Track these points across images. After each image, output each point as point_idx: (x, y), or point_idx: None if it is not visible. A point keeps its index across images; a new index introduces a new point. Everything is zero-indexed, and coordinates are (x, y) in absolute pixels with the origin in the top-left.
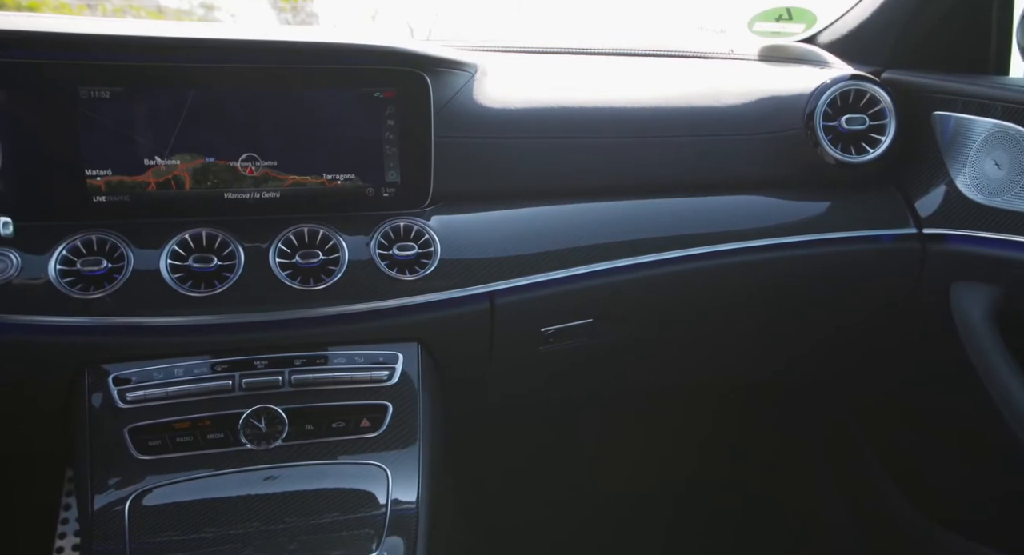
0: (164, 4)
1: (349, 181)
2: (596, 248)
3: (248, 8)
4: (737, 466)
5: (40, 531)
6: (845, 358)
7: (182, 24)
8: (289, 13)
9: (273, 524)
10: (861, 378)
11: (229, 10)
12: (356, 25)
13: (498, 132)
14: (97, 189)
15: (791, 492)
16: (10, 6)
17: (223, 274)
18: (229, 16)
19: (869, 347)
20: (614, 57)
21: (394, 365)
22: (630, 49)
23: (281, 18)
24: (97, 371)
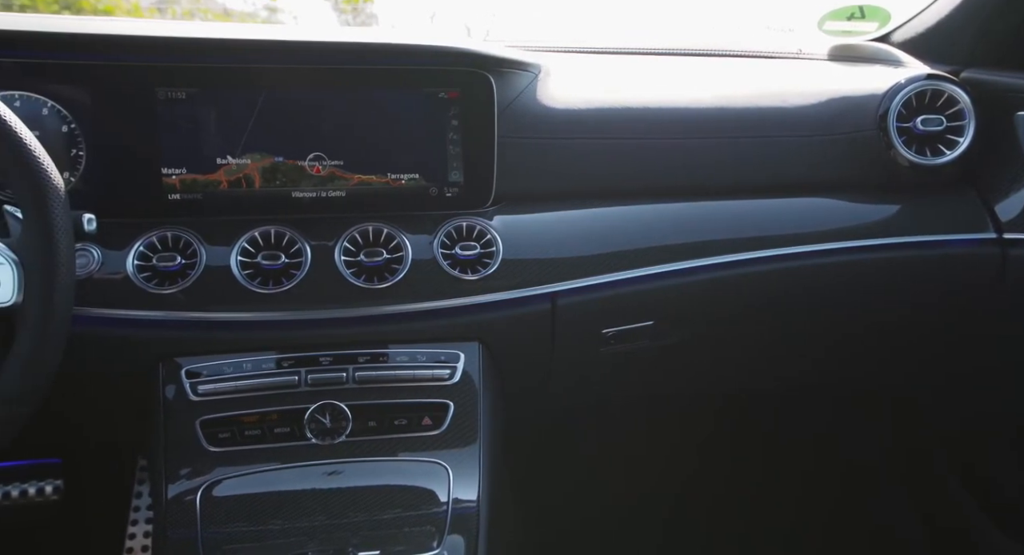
0: (230, 7)
1: (413, 181)
2: (658, 250)
3: (310, 10)
4: (797, 471)
5: (113, 518)
6: (913, 365)
7: (253, 27)
8: (350, 14)
9: (336, 518)
10: (929, 385)
11: (292, 12)
12: (415, 26)
13: (561, 133)
14: (172, 187)
15: (851, 496)
16: (87, 10)
17: (290, 271)
18: (291, 18)
19: (941, 354)
20: (678, 57)
21: (455, 364)
22: (695, 49)
23: (342, 19)
24: (171, 364)
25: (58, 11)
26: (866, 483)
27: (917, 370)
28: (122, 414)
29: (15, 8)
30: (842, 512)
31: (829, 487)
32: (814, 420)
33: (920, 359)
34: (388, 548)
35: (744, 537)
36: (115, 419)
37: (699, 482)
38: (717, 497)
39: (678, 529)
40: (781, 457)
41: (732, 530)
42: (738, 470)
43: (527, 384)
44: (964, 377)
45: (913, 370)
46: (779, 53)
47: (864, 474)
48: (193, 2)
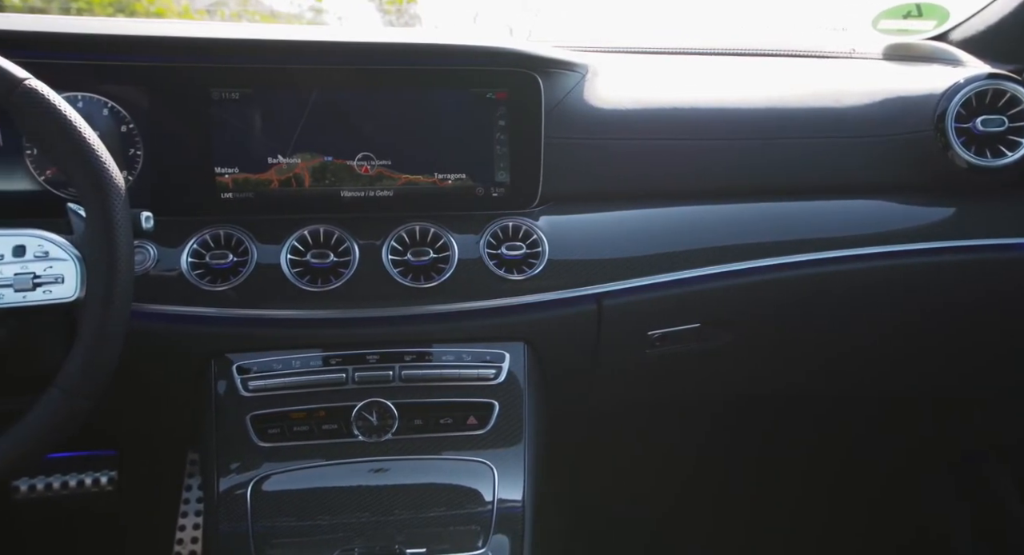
0: (276, 8)
1: (460, 181)
2: (707, 252)
3: (354, 10)
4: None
5: (164, 509)
6: (968, 370)
7: (304, 28)
8: (393, 15)
9: (382, 515)
10: (984, 389)
11: (336, 13)
12: (458, 26)
13: (609, 133)
14: (225, 186)
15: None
16: (140, 13)
17: (338, 270)
18: (336, 19)
19: (997, 360)
20: (728, 58)
21: (501, 364)
22: (745, 49)
23: (385, 20)
24: (222, 360)
25: (112, 14)
26: (910, 488)
27: (972, 375)
28: (174, 408)
29: (73, 11)
30: (885, 518)
31: (873, 492)
32: (857, 424)
33: (976, 365)
34: (434, 546)
35: (787, 540)
36: (167, 413)
37: (739, 484)
38: (756, 499)
39: (719, 531)
40: (824, 461)
41: (773, 533)
42: (779, 473)
43: (571, 385)
44: (1017, 382)
45: (968, 375)
46: (832, 53)
47: (908, 480)
48: (241, 4)
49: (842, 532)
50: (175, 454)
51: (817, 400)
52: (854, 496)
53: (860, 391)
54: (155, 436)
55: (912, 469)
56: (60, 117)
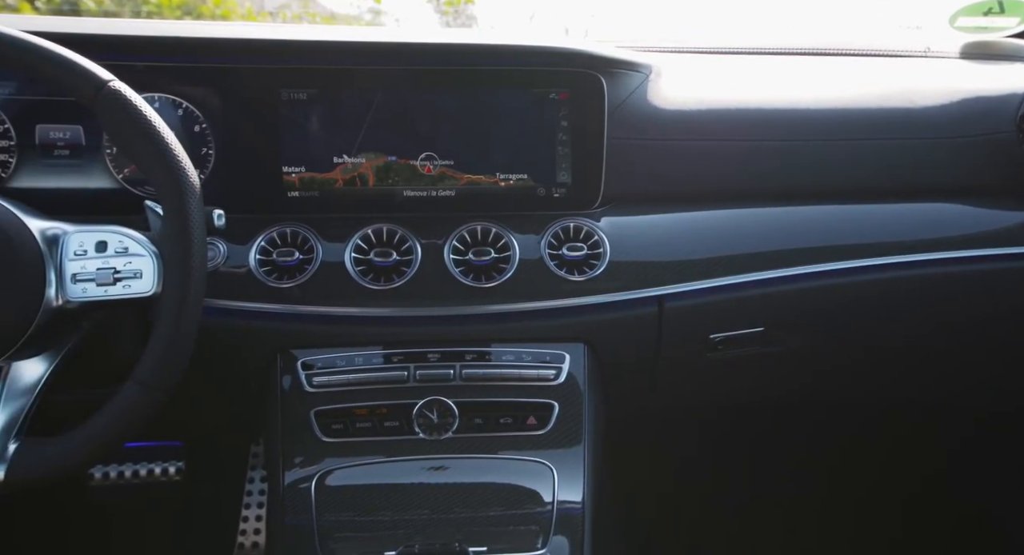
0: (336, 10)
1: (521, 181)
2: (771, 255)
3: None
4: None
5: (228, 500)
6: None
7: (370, 30)
8: (451, 16)
9: (442, 513)
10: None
11: (394, 14)
12: (514, 27)
13: (672, 134)
14: (292, 185)
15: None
16: (207, 15)
17: (401, 269)
18: (394, 20)
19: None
20: (795, 57)
21: (561, 365)
22: (813, 48)
23: (443, 21)
24: (287, 356)
25: (180, 16)
26: (979, 506)
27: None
28: (239, 402)
29: (143, 14)
30: (923, 527)
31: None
32: (921, 436)
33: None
34: (493, 545)
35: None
36: (232, 407)
37: (791, 487)
38: (805, 503)
39: (769, 535)
40: (882, 470)
41: (829, 537)
42: (838, 479)
43: (631, 387)
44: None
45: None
46: (905, 51)
47: (977, 501)
48: (302, 7)
49: (904, 542)
50: (238, 447)
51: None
52: (896, 504)
53: (926, 398)
54: (220, 429)
55: (954, 478)
56: (141, 118)
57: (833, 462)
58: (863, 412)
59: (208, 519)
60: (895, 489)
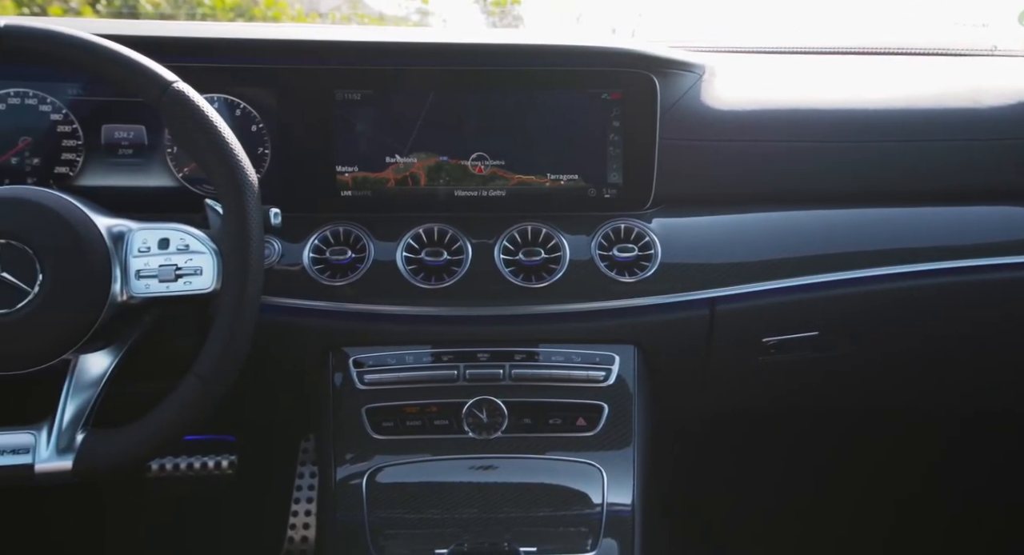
0: (384, 11)
1: (572, 181)
2: (827, 258)
3: (459, 12)
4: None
5: (279, 494)
6: None
7: (423, 31)
8: (497, 16)
9: (491, 512)
10: None
11: (441, 15)
12: (561, 27)
13: (726, 135)
14: (345, 184)
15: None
16: (259, 16)
17: (452, 268)
18: (441, 21)
19: None
20: (855, 57)
21: (610, 366)
22: (873, 48)
23: (489, 21)
24: (339, 353)
25: (233, 18)
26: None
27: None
28: (291, 398)
29: (197, 16)
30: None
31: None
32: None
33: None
34: (543, 546)
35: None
36: (284, 403)
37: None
38: (855, 509)
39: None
40: (923, 481)
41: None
42: (882, 485)
43: (680, 389)
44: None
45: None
46: (971, 50)
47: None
48: (352, 8)
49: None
50: (288, 442)
51: (943, 417)
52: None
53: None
54: (271, 424)
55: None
56: (204, 118)
57: (876, 468)
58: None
59: (259, 513)
60: (937, 497)
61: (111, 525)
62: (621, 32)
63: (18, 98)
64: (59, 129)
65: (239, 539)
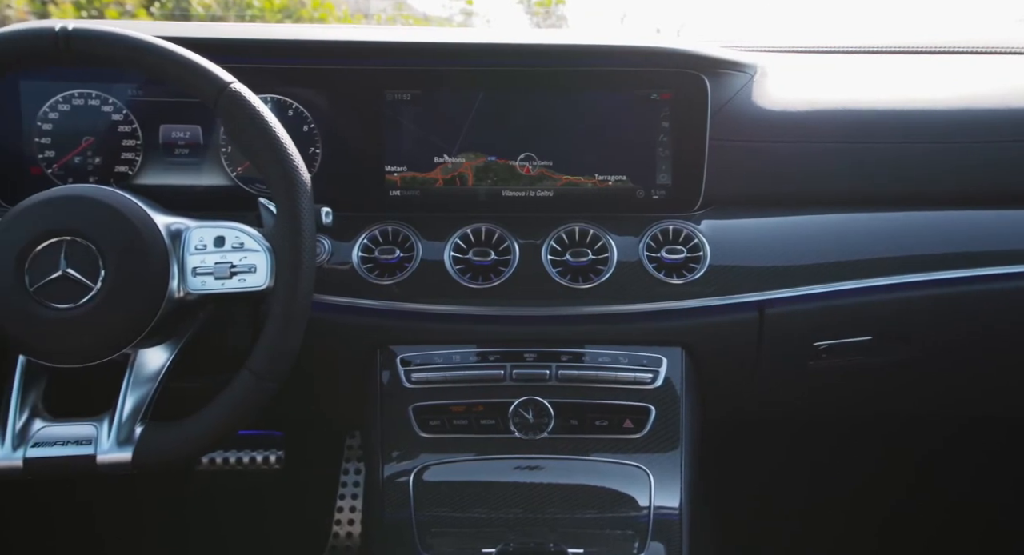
0: (429, 12)
1: (620, 182)
2: (880, 262)
3: (503, 12)
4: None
5: (325, 490)
6: None
7: (472, 31)
8: (541, 16)
9: (536, 512)
10: None
11: (485, 15)
12: (606, 27)
13: (778, 136)
14: (393, 184)
15: None
16: (306, 18)
17: (499, 268)
18: (485, 21)
19: None
20: (909, 56)
21: (658, 368)
22: (927, 46)
23: (533, 22)
24: (387, 352)
25: (281, 20)
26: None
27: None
28: (338, 395)
29: (247, 18)
30: None
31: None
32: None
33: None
34: (590, 548)
35: None
36: (331, 399)
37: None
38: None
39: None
40: (973, 483)
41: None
42: (936, 493)
43: (728, 393)
44: None
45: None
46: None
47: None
48: (396, 9)
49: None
50: (334, 438)
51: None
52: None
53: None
54: (318, 420)
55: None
56: (259, 118)
57: (925, 475)
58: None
59: (305, 508)
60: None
61: (160, 517)
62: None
63: (82, 99)
64: (120, 129)
65: (286, 533)
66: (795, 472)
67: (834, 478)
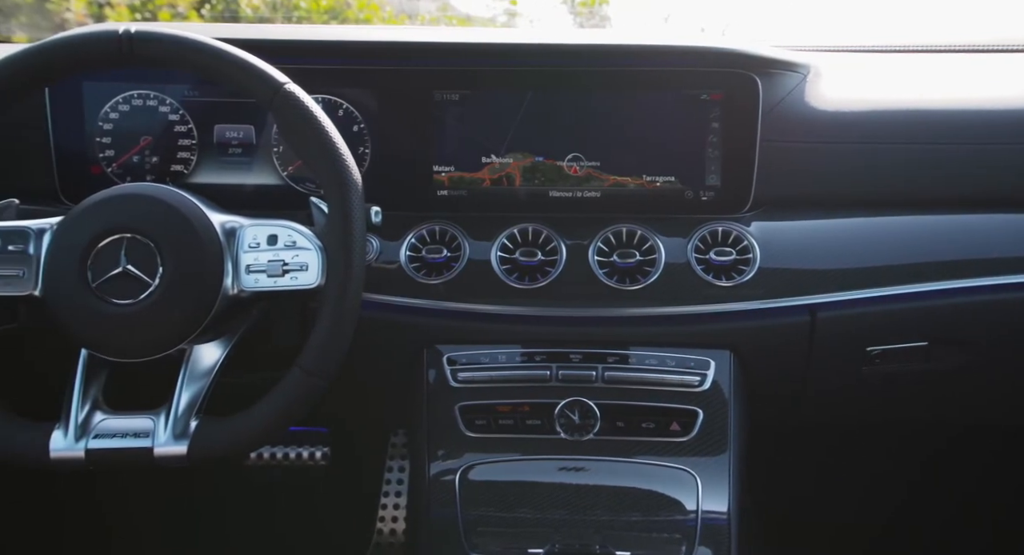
0: (472, 13)
1: (668, 183)
2: (936, 266)
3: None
4: None
5: (369, 487)
6: None
7: (520, 31)
8: (585, 16)
9: (581, 514)
10: None
11: (528, 16)
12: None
13: (831, 137)
14: (441, 184)
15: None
16: (351, 19)
17: (545, 269)
18: (528, 21)
19: None
20: (966, 54)
21: (706, 371)
22: (985, 45)
23: (576, 22)
24: (433, 351)
25: (327, 21)
26: None
27: None
28: (383, 393)
29: (294, 19)
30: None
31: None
32: None
33: None
34: (636, 550)
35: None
36: (377, 397)
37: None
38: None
39: None
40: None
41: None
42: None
43: (777, 397)
44: None
45: None
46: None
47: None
48: (440, 10)
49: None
50: (379, 436)
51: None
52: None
53: None
54: (363, 417)
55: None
56: (313, 118)
57: (976, 485)
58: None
59: (350, 504)
60: None
61: (209, 511)
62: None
63: (140, 100)
64: (176, 129)
65: (331, 529)
66: (844, 478)
67: (883, 485)
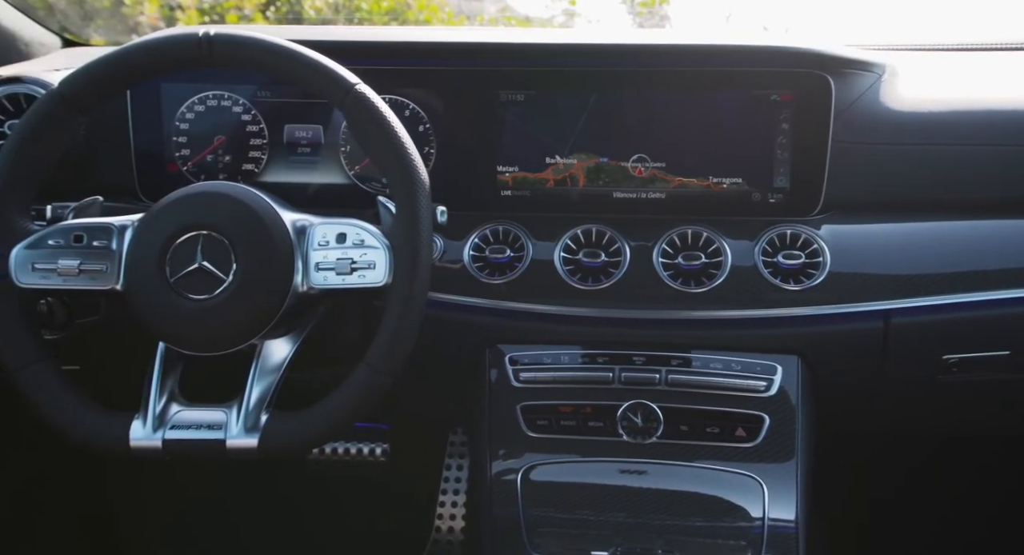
0: (531, 13)
1: (735, 185)
2: (1018, 272)
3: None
4: None
5: (427, 484)
6: None
7: (585, 31)
8: (644, 15)
9: (642, 517)
10: None
11: (587, 16)
12: (712, 26)
13: (907, 138)
14: (505, 184)
15: None
16: (411, 20)
17: (609, 270)
18: (587, 21)
19: None
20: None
21: (772, 376)
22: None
23: (636, 21)
24: (495, 350)
25: (388, 22)
26: None
27: None
28: (444, 391)
29: (355, 21)
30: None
31: None
32: None
33: None
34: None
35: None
36: (438, 395)
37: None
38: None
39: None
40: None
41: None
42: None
43: (848, 406)
44: None
45: None
46: None
47: None
48: (500, 11)
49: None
50: (438, 434)
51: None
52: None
53: None
54: (423, 415)
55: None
56: (383, 119)
57: None
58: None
59: (408, 501)
60: None
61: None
62: (773, 30)
63: (215, 100)
64: (248, 128)
65: (390, 526)
66: (919, 489)
67: (960, 498)
